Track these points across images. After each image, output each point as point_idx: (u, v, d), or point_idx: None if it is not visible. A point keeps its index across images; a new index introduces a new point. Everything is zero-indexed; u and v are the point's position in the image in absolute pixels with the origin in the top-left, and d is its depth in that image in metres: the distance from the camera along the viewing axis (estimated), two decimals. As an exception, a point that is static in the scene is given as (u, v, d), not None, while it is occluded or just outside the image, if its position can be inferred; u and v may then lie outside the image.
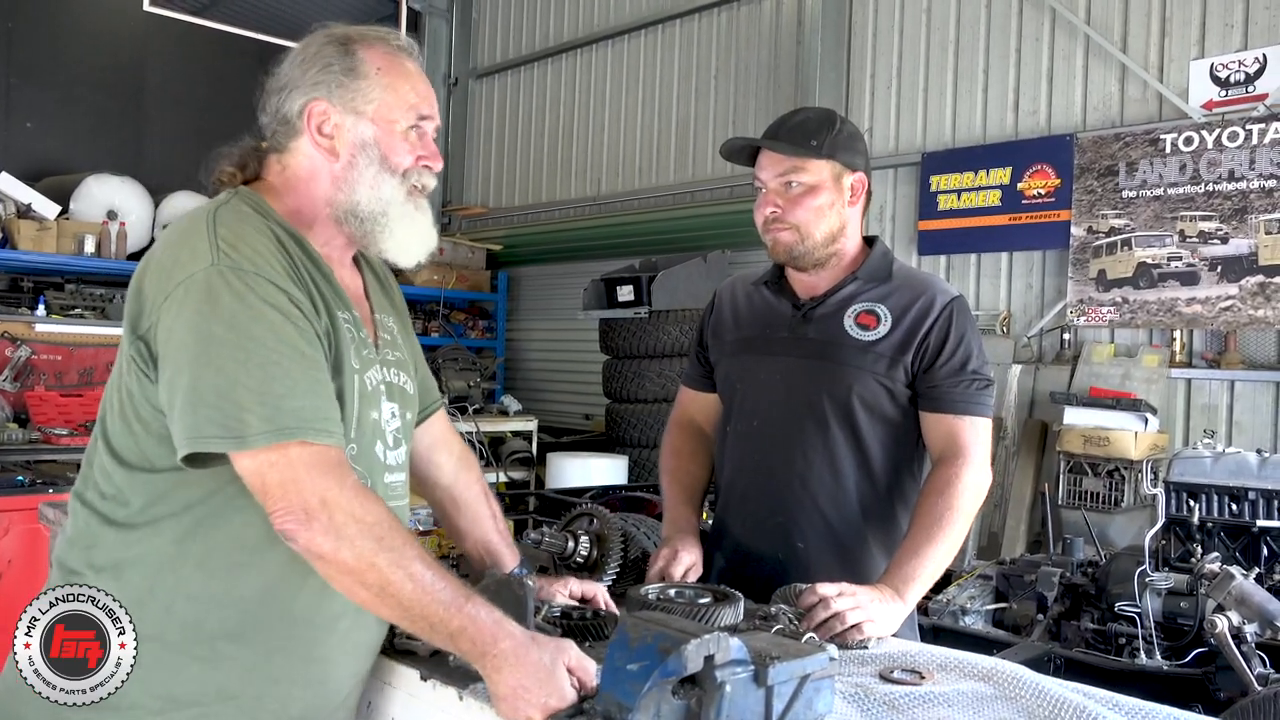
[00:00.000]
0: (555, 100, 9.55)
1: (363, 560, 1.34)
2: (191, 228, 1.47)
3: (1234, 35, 5.53)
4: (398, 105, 1.59)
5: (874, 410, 2.08)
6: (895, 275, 2.16)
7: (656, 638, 1.18)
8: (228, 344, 1.36)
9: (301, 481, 1.34)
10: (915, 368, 2.06)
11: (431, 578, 1.36)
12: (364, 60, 1.58)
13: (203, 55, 9.10)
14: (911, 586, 1.87)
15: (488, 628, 1.36)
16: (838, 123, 2.11)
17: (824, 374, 2.09)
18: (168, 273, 1.43)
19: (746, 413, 2.20)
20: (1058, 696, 1.51)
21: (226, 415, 1.34)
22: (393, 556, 1.35)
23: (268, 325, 1.38)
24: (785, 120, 2.13)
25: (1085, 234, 5.93)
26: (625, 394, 7.30)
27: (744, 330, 2.26)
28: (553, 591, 1.84)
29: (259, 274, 1.41)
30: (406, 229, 1.61)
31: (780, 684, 1.25)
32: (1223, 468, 3.66)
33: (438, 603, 1.35)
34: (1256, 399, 5.42)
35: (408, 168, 1.60)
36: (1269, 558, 3.43)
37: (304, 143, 1.58)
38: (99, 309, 6.83)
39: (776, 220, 2.09)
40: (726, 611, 1.69)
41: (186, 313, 1.38)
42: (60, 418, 5.76)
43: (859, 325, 2.10)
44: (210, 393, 1.35)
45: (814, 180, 2.07)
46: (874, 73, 7.00)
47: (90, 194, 7.18)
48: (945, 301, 2.10)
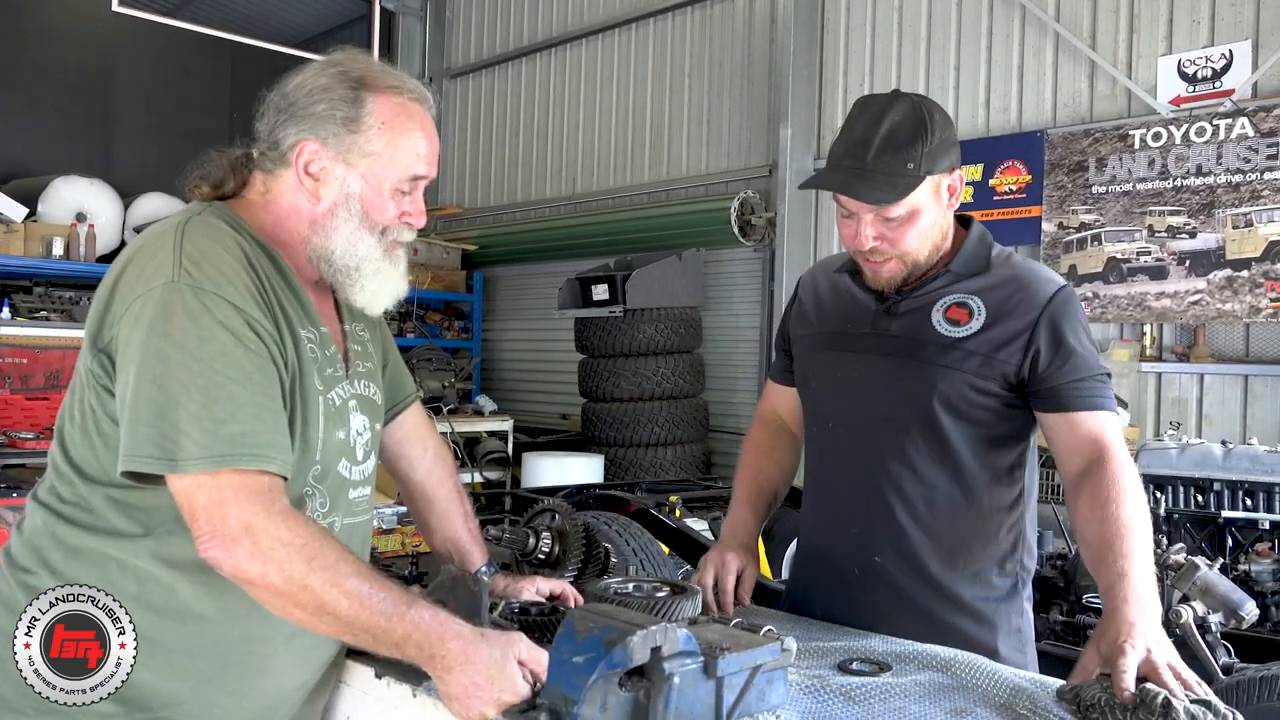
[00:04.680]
0: (530, 100, 9.53)
1: (293, 582, 1.32)
2: (158, 240, 1.44)
3: (1201, 31, 5.58)
4: (393, 164, 1.54)
5: (963, 414, 1.85)
6: (994, 264, 1.93)
7: (603, 630, 1.16)
8: (174, 363, 1.34)
9: (227, 506, 1.33)
10: (1024, 368, 1.83)
11: (368, 590, 1.34)
12: (371, 111, 1.52)
13: (172, 56, 9.04)
14: (1149, 610, 1.57)
15: (433, 630, 1.34)
16: (929, 123, 1.80)
17: (906, 373, 1.88)
18: (130, 285, 1.40)
19: (821, 415, 2.03)
20: (1014, 684, 1.51)
21: (163, 436, 1.33)
22: (325, 575, 1.33)
23: (218, 347, 1.36)
24: (868, 136, 1.78)
25: (1056, 229, 5.96)
26: (601, 393, 7.29)
27: (825, 324, 2.05)
28: (519, 589, 1.83)
29: (218, 294, 1.38)
30: (378, 284, 1.58)
31: (730, 675, 1.24)
32: (1188, 459, 3.68)
33: (377, 614, 1.34)
34: (1225, 392, 5.47)
35: (388, 224, 1.56)
36: (1234, 548, 3.46)
37: (289, 176, 1.54)
38: (66, 311, 6.76)
39: (878, 252, 1.85)
40: (685, 604, 1.68)
41: (140, 328, 1.36)
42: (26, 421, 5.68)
43: (948, 320, 1.87)
44: (150, 411, 1.34)
45: (917, 202, 1.81)
46: (846, 70, 7.02)
47: (58, 196, 7.11)
48: (1052, 292, 1.86)
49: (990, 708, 1.45)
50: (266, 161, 1.56)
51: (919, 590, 1.84)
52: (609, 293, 7.24)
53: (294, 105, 1.53)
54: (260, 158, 1.56)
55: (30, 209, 6.92)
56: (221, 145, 1.62)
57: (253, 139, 1.59)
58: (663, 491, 5.18)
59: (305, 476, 1.50)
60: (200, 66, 9.17)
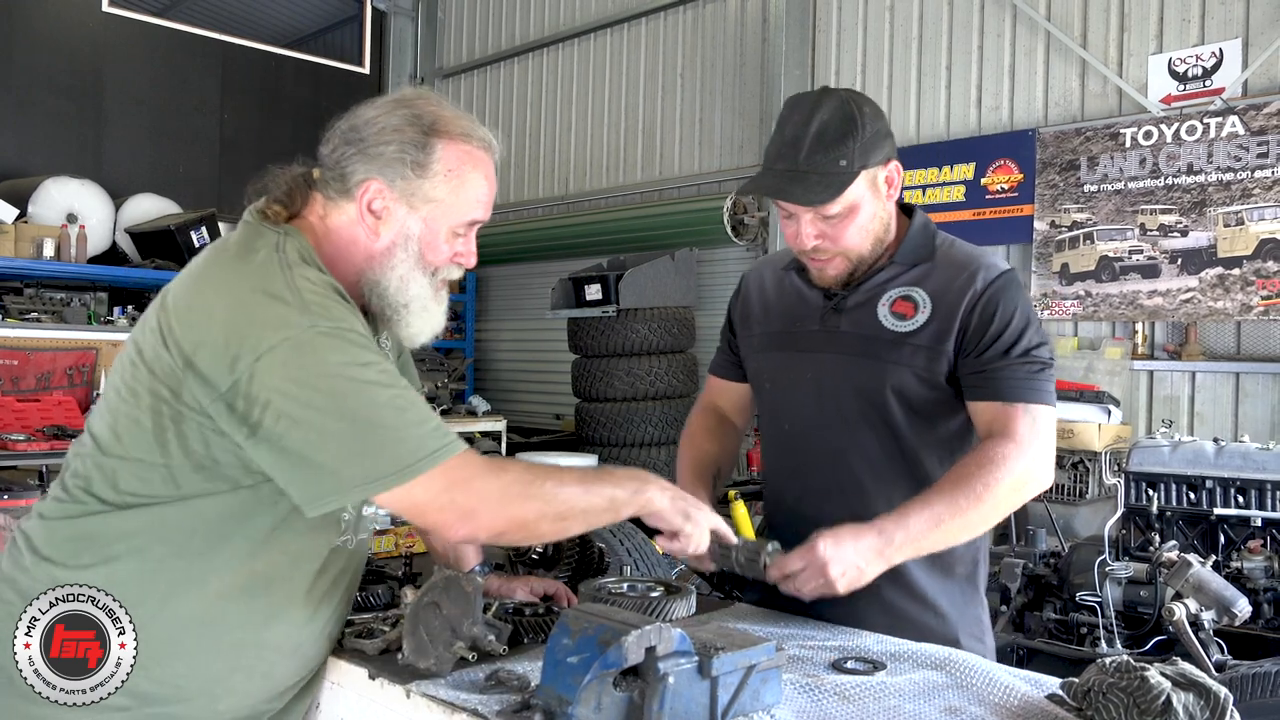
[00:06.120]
0: (522, 100, 9.52)
1: (529, 517, 1.50)
2: (264, 281, 1.45)
3: (1191, 30, 5.59)
4: (454, 210, 1.58)
5: (916, 408, 1.85)
6: (938, 252, 1.91)
7: (597, 630, 1.16)
8: (349, 394, 1.40)
9: (455, 490, 1.46)
10: (956, 355, 1.82)
11: (580, 490, 1.53)
12: (439, 159, 1.56)
13: (163, 56, 9.01)
14: (902, 548, 1.68)
15: (624, 470, 1.62)
16: (859, 117, 1.79)
17: (858, 371, 1.87)
18: (259, 331, 1.40)
19: (778, 417, 2.03)
20: (1008, 684, 1.51)
21: (385, 453, 1.40)
22: (542, 503, 1.50)
23: (376, 369, 1.44)
24: (799, 136, 1.78)
25: (1048, 228, 5.97)
26: (594, 393, 7.29)
27: (773, 323, 2.03)
28: (513, 589, 1.83)
29: (349, 328, 1.45)
30: (423, 321, 1.63)
31: (725, 675, 1.24)
32: (1180, 457, 3.69)
33: (598, 496, 1.54)
34: (1217, 390, 5.49)
35: (440, 265, 1.61)
36: (1226, 545, 3.47)
37: (351, 208, 1.57)
38: (56, 313, 6.73)
39: (820, 250, 1.85)
40: (678, 604, 1.68)
41: (297, 373, 1.39)
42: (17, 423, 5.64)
43: (894, 314, 1.86)
44: (357, 443, 1.40)
45: (854, 198, 1.80)
46: (838, 69, 7.02)
47: (49, 197, 7.08)
48: (990, 277, 1.84)
49: (984, 706, 1.45)
50: (330, 189, 1.58)
51: (885, 584, 1.83)
52: (602, 293, 7.24)
53: (364, 141, 1.55)
54: (323, 183, 1.59)
55: (21, 210, 6.89)
56: (282, 162, 1.64)
57: (315, 160, 1.61)
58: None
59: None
60: (191, 67, 9.15)
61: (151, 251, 7.37)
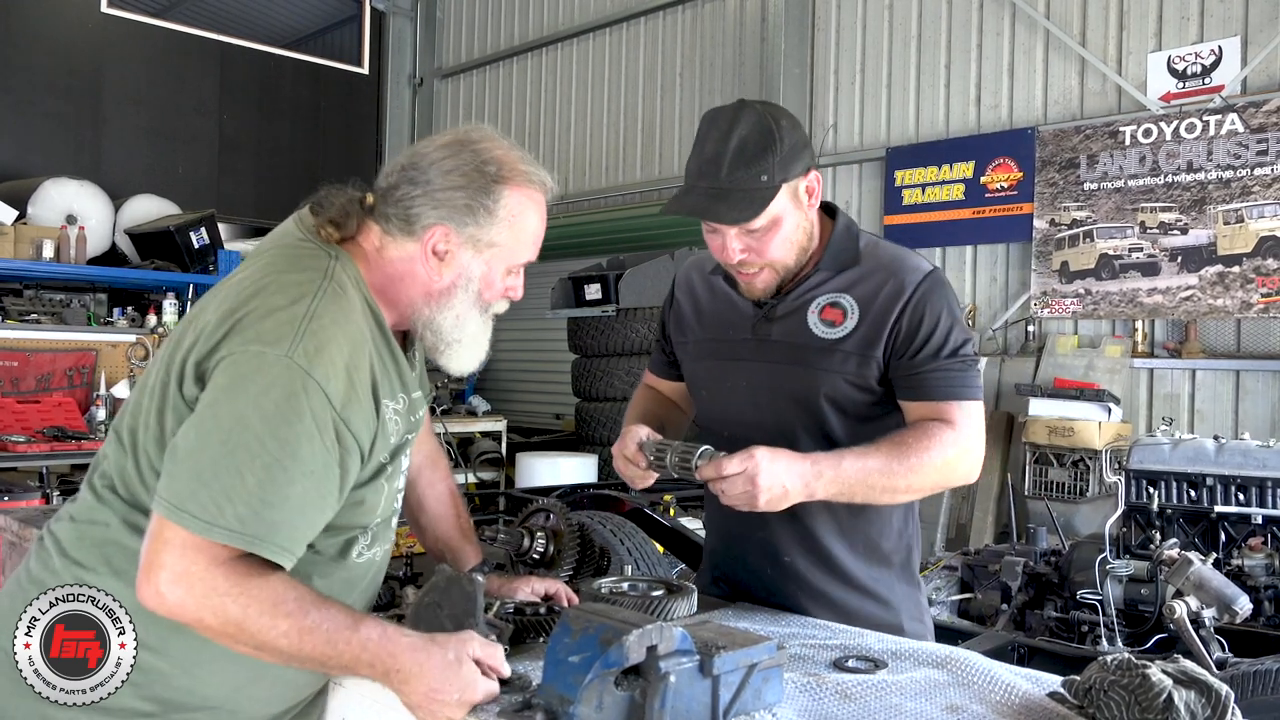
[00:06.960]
0: (521, 99, 9.51)
1: (229, 622, 1.34)
2: (291, 289, 1.45)
3: (1190, 28, 5.59)
4: (513, 253, 1.61)
5: (852, 414, 1.89)
6: (863, 256, 1.93)
7: (598, 629, 1.16)
8: (251, 433, 1.35)
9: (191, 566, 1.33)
10: (888, 359, 1.86)
11: (306, 624, 1.35)
12: (503, 204, 1.57)
13: (162, 57, 9.00)
14: (828, 486, 1.73)
15: (382, 647, 1.36)
16: (777, 130, 1.81)
17: (791, 379, 1.91)
18: (250, 330, 1.41)
19: (715, 425, 2.05)
20: (1009, 682, 1.51)
21: (210, 499, 1.34)
22: (260, 615, 1.34)
23: (299, 432, 1.38)
24: (719, 153, 1.80)
25: (1048, 226, 5.97)
26: (594, 392, 7.29)
27: (705, 331, 2.07)
28: (514, 589, 1.83)
29: (322, 387, 1.40)
30: (471, 353, 1.65)
31: (727, 674, 1.24)
32: (1181, 454, 3.69)
33: (320, 643, 1.35)
34: (1217, 387, 5.49)
35: (491, 300, 1.63)
36: (1227, 542, 3.47)
37: (412, 247, 1.57)
38: (56, 314, 6.73)
39: (746, 264, 1.87)
40: (679, 604, 1.68)
41: (236, 383, 1.38)
42: (18, 425, 5.65)
43: (824, 321, 1.89)
44: (209, 471, 1.35)
45: (776, 212, 1.82)
46: (837, 69, 7.02)
47: (48, 198, 7.07)
48: (916, 281, 1.87)
49: (985, 705, 1.45)
50: (390, 224, 1.57)
51: (828, 582, 1.90)
52: (602, 292, 7.24)
53: (430, 184, 1.55)
54: (383, 216, 1.58)
55: (20, 211, 6.88)
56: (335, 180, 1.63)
57: (368, 187, 1.61)
58: (657, 491, 5.17)
59: (358, 530, 1.56)
60: (189, 67, 9.15)
61: (151, 252, 7.37)
